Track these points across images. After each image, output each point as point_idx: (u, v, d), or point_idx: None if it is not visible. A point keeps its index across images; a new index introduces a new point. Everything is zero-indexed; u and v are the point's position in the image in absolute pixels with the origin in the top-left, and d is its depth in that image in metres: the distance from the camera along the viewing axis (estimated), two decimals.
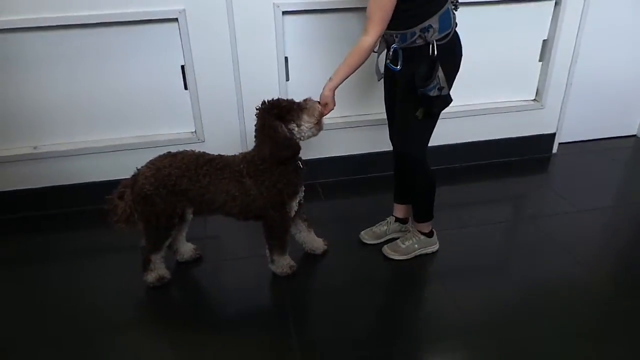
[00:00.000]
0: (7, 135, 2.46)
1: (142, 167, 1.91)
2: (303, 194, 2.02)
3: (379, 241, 2.25)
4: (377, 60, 1.97)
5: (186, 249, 2.18)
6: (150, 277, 2.01)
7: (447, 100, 1.79)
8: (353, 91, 2.66)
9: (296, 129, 1.84)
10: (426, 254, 2.17)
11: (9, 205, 2.55)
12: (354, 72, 1.81)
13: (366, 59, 1.76)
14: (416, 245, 2.14)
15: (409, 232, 2.18)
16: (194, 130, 2.59)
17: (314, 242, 2.20)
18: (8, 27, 2.21)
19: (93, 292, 2.04)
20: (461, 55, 1.86)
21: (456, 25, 1.80)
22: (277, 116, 1.81)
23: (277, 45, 2.46)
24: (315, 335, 1.81)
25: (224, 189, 1.87)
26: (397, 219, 2.26)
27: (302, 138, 1.88)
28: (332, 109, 1.88)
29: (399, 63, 1.82)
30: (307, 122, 1.84)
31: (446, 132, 2.68)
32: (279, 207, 1.91)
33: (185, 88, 2.49)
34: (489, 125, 2.95)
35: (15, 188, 2.53)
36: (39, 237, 2.45)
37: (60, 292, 2.06)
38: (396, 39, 1.77)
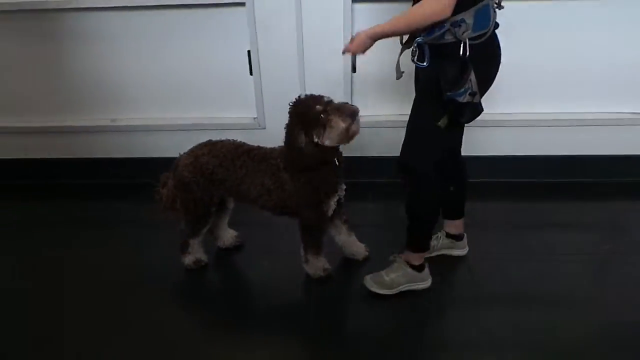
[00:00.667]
0: (88, 107, 2.66)
1: (183, 154, 1.94)
2: (344, 192, 1.92)
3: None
4: (399, 56, 1.70)
5: (227, 236, 2.19)
6: (188, 259, 2.06)
7: (478, 109, 1.55)
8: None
9: (319, 140, 1.71)
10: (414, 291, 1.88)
11: (87, 172, 2.77)
12: (403, 34, 1.63)
13: (424, 24, 1.49)
14: (402, 279, 1.86)
15: (396, 262, 1.88)
16: (255, 117, 2.59)
17: (354, 246, 2.09)
18: (89, 5, 2.37)
19: (140, 264, 2.16)
20: (499, 63, 1.61)
21: (497, 26, 1.55)
22: (301, 123, 1.71)
23: (345, 36, 2.34)
24: (332, 347, 1.74)
25: (260, 181, 1.84)
26: (449, 235, 2.06)
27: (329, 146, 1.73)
28: (360, 53, 1.64)
29: (426, 59, 1.58)
30: (329, 139, 1.69)
31: (539, 143, 2.47)
32: (315, 205, 1.83)
33: (250, 74, 2.48)
34: (587, 139, 2.58)
35: (94, 156, 2.75)
36: (107, 203, 2.65)
37: (109, 258, 2.20)
38: (422, 32, 1.54)
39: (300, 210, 1.86)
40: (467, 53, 1.48)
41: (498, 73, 1.63)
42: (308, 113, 1.69)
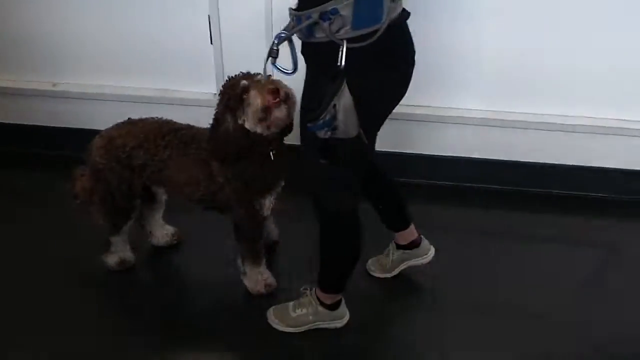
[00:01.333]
0: (25, 67, 2.30)
1: (97, 136, 1.62)
2: (280, 189, 1.61)
3: (387, 275, 1.76)
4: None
5: (162, 233, 1.88)
6: (111, 260, 1.77)
7: (356, 146, 1.12)
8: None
9: (242, 122, 1.39)
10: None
11: (19, 139, 2.44)
12: None
13: None
14: (311, 317, 1.56)
15: (306, 296, 1.57)
16: (215, 92, 2.22)
17: (269, 226, 1.81)
18: None
19: (57, 254, 1.85)
20: (406, 76, 1.22)
21: (404, 18, 1.15)
22: (226, 102, 1.39)
23: None
24: None
25: (186, 167, 1.54)
26: (400, 246, 1.72)
27: (263, 133, 1.40)
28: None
29: (292, 64, 1.16)
30: (247, 120, 1.37)
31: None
32: (246, 203, 1.54)
33: (211, 43, 2.12)
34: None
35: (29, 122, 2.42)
36: (37, 176, 2.32)
37: (22, 240, 1.92)
38: (292, 22, 1.14)
39: (231, 207, 1.57)
40: (342, 63, 1.05)
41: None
42: (234, 89, 1.36)
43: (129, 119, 1.65)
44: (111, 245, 1.74)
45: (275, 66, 1.17)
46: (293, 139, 1.48)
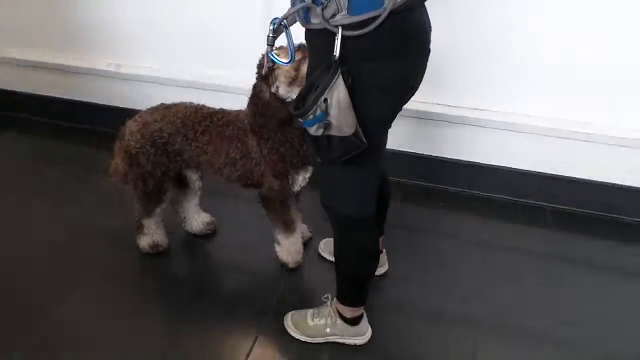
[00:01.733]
0: (85, 48, 2.36)
1: (129, 120, 1.62)
2: (310, 173, 1.60)
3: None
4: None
5: (197, 221, 1.84)
6: (143, 242, 1.75)
7: (353, 144, 1.01)
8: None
9: (275, 90, 1.41)
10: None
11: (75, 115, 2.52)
12: None
13: None
14: (328, 330, 1.44)
15: (327, 306, 1.46)
16: None
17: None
18: None
19: (94, 231, 1.88)
20: (417, 68, 1.07)
21: (413, 5, 0.98)
22: (260, 74, 1.42)
23: None
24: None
25: (224, 149, 1.56)
26: None
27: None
28: None
29: (290, 53, 1.06)
30: (280, 86, 1.39)
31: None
32: (280, 175, 1.55)
33: None
34: None
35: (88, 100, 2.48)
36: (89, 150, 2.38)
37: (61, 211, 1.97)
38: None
39: (264, 180, 1.58)
40: (337, 52, 0.94)
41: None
42: (262, 64, 1.37)
43: (161, 103, 1.64)
44: (144, 227, 1.72)
45: (270, 55, 1.07)
46: None
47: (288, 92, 1.38)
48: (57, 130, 2.52)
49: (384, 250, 1.65)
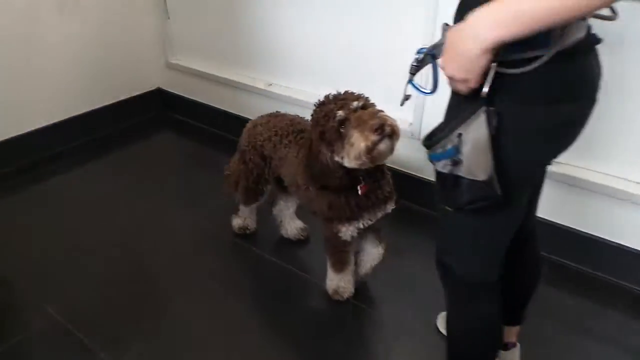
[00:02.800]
0: (247, 65, 2.49)
1: None
2: (377, 217, 1.51)
3: None
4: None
5: (291, 227, 1.94)
6: (235, 222, 1.95)
7: (483, 192, 0.86)
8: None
9: (339, 159, 1.33)
10: None
11: (227, 125, 2.65)
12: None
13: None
14: None
15: None
16: (411, 122, 2.03)
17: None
18: None
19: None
20: (582, 117, 0.89)
21: (585, 47, 0.83)
22: (321, 134, 1.33)
23: None
24: None
25: (293, 170, 1.56)
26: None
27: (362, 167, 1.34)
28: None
29: (432, 82, 0.93)
30: (347, 159, 1.30)
31: None
32: (328, 222, 1.50)
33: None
34: None
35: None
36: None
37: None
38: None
39: (320, 217, 1.55)
40: (486, 88, 0.80)
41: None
42: (328, 121, 1.30)
43: (276, 111, 1.75)
44: (239, 211, 1.92)
45: (413, 84, 0.97)
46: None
47: (354, 165, 1.30)
48: (210, 137, 2.72)
49: (517, 346, 1.35)
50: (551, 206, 1.75)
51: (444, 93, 0.97)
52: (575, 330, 1.59)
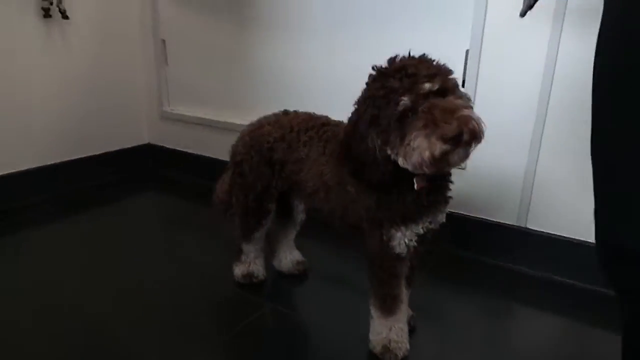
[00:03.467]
0: (247, 109, 2.20)
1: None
2: (435, 226, 1.13)
3: None
4: None
5: (287, 259, 1.58)
6: (238, 270, 1.51)
7: None
8: None
9: (393, 156, 0.98)
10: None
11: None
12: None
13: None
14: None
15: None
16: None
17: None
18: None
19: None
20: None
21: None
22: (372, 116, 0.98)
23: None
24: None
25: (319, 170, 1.21)
26: None
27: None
28: None
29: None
30: (404, 161, 0.96)
31: None
32: (374, 226, 1.10)
33: (462, 85, 1.65)
34: None
35: None
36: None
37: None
38: None
39: (363, 229, 1.15)
40: None
41: None
42: (387, 105, 0.94)
43: (284, 110, 1.40)
44: (242, 254, 1.49)
45: None
46: None
47: (408, 166, 0.96)
48: (205, 191, 2.32)
49: None
50: None
51: None
52: None
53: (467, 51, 1.62)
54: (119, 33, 2.38)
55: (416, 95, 0.92)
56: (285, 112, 1.39)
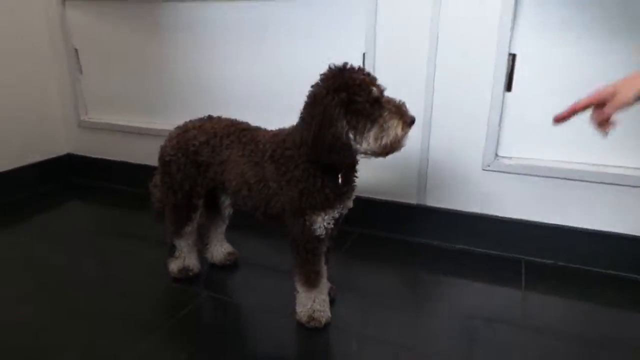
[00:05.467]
0: (167, 112, 2.32)
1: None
2: (346, 211, 1.36)
3: None
4: None
5: (218, 251, 1.72)
6: (173, 265, 1.62)
7: None
8: None
9: (355, 140, 1.19)
10: None
11: None
12: None
13: None
14: None
15: None
16: None
17: None
18: None
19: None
20: None
21: None
22: (342, 102, 1.15)
23: (501, 38, 1.62)
24: None
25: (240, 170, 1.37)
26: None
27: (361, 153, 1.24)
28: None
29: None
30: (370, 143, 1.19)
31: None
32: (297, 214, 1.28)
33: None
34: None
35: None
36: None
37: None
38: None
39: (286, 218, 1.33)
40: None
41: None
42: (359, 93, 1.16)
43: (209, 115, 1.54)
44: (175, 250, 1.61)
45: None
46: None
47: (370, 152, 1.21)
48: (127, 197, 2.39)
49: None
50: None
51: None
52: None
53: (364, 54, 1.84)
54: (28, 46, 2.36)
55: (379, 89, 1.19)
56: (210, 118, 1.53)
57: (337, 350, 1.33)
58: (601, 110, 0.97)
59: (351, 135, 1.17)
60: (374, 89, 1.17)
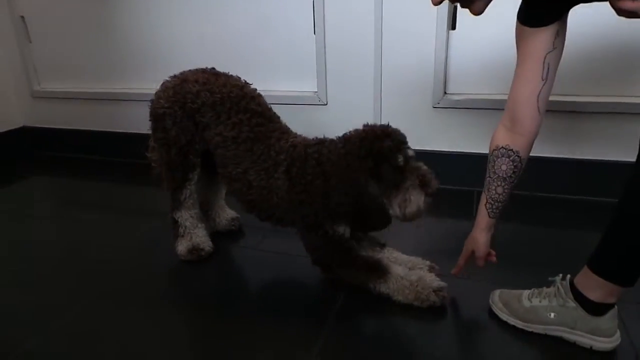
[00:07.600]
0: (125, 76, 2.31)
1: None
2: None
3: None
4: None
5: (220, 217, 1.60)
6: (181, 246, 1.43)
7: None
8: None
9: (388, 204, 1.17)
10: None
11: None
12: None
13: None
14: (552, 315, 1.03)
15: (555, 285, 1.05)
16: (316, 90, 1.98)
17: None
18: None
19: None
20: None
21: None
22: (377, 171, 1.13)
23: None
24: None
25: (243, 168, 1.27)
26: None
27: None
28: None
29: None
30: (395, 211, 1.15)
31: None
32: (316, 228, 1.23)
33: (314, 32, 1.91)
34: None
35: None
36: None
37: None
38: None
39: (301, 233, 1.28)
40: None
41: None
42: (384, 160, 1.12)
43: (213, 68, 1.39)
44: (179, 226, 1.43)
45: None
46: None
47: (397, 215, 1.16)
48: (90, 166, 2.38)
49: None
50: None
51: None
52: None
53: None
54: None
55: (405, 156, 1.13)
56: (214, 73, 1.36)
57: None
58: (475, 257, 1.19)
59: (388, 204, 1.16)
60: (400, 157, 1.13)
